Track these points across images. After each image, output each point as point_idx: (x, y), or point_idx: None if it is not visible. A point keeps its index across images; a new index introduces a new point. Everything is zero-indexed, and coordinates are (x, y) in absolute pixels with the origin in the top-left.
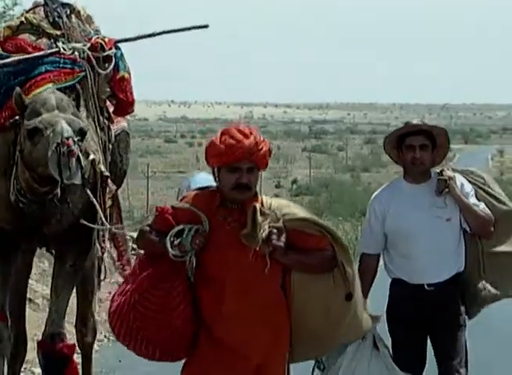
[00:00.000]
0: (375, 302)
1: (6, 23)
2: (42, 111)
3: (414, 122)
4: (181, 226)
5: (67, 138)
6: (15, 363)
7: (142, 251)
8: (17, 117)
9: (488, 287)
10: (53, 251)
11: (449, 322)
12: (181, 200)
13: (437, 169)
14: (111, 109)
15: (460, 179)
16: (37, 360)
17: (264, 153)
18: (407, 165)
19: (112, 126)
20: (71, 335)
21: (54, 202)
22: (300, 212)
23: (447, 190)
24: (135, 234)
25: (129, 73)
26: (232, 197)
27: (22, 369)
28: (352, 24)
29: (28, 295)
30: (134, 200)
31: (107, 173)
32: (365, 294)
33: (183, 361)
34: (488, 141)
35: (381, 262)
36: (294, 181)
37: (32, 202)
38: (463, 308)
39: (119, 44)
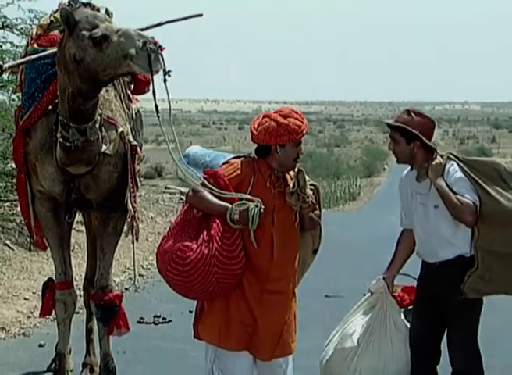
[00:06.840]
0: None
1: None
2: (98, 22)
3: (388, 119)
4: (245, 203)
5: (151, 37)
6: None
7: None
8: (57, 101)
9: (486, 278)
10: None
11: (451, 302)
12: (225, 167)
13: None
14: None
15: (453, 166)
16: None
17: None
18: None
19: (131, 105)
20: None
21: (94, 131)
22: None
23: (425, 177)
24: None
25: None
26: (291, 167)
27: None
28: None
29: None
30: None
31: (135, 142)
32: (399, 265)
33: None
34: None
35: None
36: None
37: (76, 131)
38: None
39: None
